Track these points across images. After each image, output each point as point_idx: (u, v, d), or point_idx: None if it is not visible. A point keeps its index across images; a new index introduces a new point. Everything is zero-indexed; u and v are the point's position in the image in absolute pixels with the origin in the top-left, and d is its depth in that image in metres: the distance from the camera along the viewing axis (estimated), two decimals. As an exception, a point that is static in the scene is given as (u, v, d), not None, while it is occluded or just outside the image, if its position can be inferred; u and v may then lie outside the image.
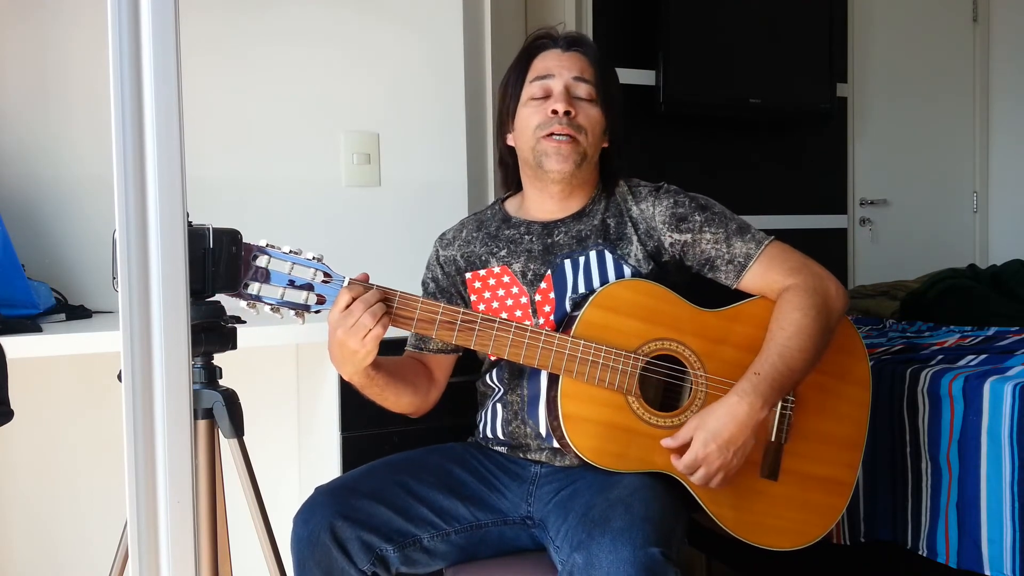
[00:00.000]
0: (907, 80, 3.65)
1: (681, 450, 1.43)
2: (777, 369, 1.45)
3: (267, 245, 1.30)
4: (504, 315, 1.56)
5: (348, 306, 1.32)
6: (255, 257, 1.28)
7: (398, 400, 1.53)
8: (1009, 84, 3.81)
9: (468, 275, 1.62)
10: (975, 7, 3.81)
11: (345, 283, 1.34)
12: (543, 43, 1.59)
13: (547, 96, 1.54)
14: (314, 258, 1.33)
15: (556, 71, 1.55)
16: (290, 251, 1.31)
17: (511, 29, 2.75)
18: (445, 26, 2.30)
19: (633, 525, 1.27)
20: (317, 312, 1.34)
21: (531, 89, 1.56)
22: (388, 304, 1.36)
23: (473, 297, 1.61)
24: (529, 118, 1.55)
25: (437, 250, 1.68)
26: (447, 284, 1.64)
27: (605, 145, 1.60)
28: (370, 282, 1.37)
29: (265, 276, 1.29)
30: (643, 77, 2.90)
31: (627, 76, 2.88)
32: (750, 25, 3.05)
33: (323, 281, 1.33)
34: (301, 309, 1.32)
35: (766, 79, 3.07)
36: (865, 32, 3.52)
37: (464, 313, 1.41)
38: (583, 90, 1.55)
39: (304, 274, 1.32)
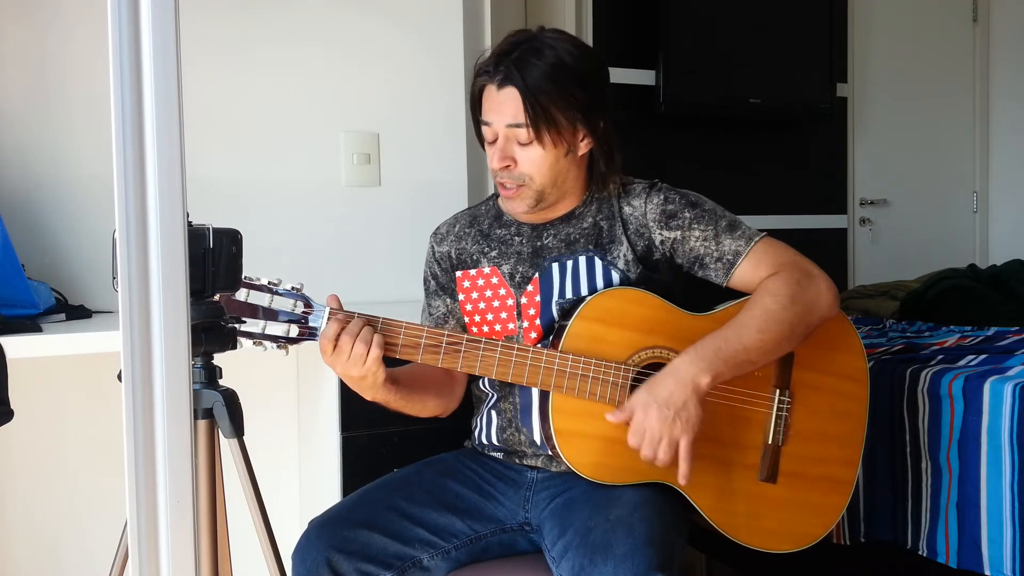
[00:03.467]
0: (907, 80, 3.65)
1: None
2: (727, 339, 1.42)
3: (245, 278, 1.28)
4: (490, 316, 1.56)
5: (336, 345, 1.32)
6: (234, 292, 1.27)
7: (424, 406, 1.53)
8: (1009, 84, 3.81)
9: (459, 273, 1.61)
10: (975, 7, 3.81)
11: (325, 315, 1.34)
12: (481, 81, 1.50)
13: (494, 140, 1.49)
14: (293, 288, 1.32)
15: (493, 118, 1.47)
16: (268, 283, 1.31)
17: (511, 29, 2.75)
18: (445, 26, 2.30)
19: (635, 550, 1.27)
20: (299, 344, 1.34)
21: (483, 131, 1.52)
22: (373, 328, 1.36)
23: (461, 296, 1.60)
24: (488, 159, 1.53)
25: (433, 247, 1.66)
26: (446, 280, 1.63)
27: (587, 149, 1.53)
28: (349, 311, 1.36)
29: (244, 310, 1.28)
30: (643, 77, 2.90)
31: (627, 76, 2.89)
32: (750, 25, 3.05)
33: (304, 312, 1.33)
34: (284, 342, 1.32)
35: (766, 79, 3.07)
36: (865, 32, 3.52)
37: (448, 335, 1.40)
38: (521, 135, 1.46)
39: (284, 305, 1.31)
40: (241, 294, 1.28)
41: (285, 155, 2.14)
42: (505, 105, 1.45)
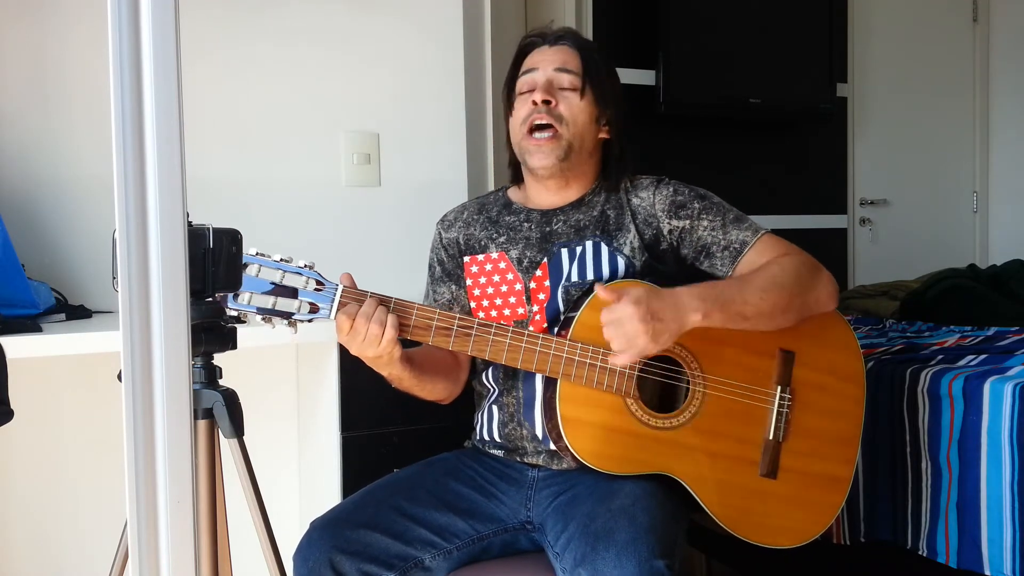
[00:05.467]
0: (907, 80, 3.65)
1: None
2: (731, 289, 1.46)
3: (256, 254, 1.29)
4: (498, 301, 1.58)
5: (352, 326, 1.34)
6: (245, 266, 1.27)
7: (434, 388, 1.56)
8: (1009, 84, 3.81)
9: (466, 259, 1.63)
10: (975, 7, 3.81)
11: (338, 293, 1.34)
12: (532, 41, 1.62)
13: (533, 90, 1.57)
14: (305, 266, 1.33)
15: (540, 65, 1.58)
16: (280, 259, 1.31)
17: (511, 29, 2.75)
18: (445, 26, 2.30)
19: (637, 538, 1.28)
20: (310, 321, 1.34)
21: (519, 84, 1.60)
22: (386, 309, 1.37)
23: (469, 281, 1.62)
24: (517, 111, 1.59)
25: (440, 233, 1.69)
26: (453, 267, 1.66)
27: (605, 136, 1.61)
28: (362, 289, 1.37)
29: (255, 286, 1.28)
30: (643, 77, 2.90)
31: (627, 76, 2.87)
32: (750, 25, 3.05)
33: (315, 289, 1.33)
34: (293, 318, 1.32)
35: (766, 79, 3.07)
36: (865, 32, 3.52)
37: (460, 319, 1.41)
38: (566, 80, 1.56)
39: (295, 282, 1.32)
40: (252, 269, 1.28)
41: (285, 155, 2.14)
42: (557, 54, 1.57)
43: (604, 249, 1.55)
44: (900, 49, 3.63)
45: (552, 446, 1.49)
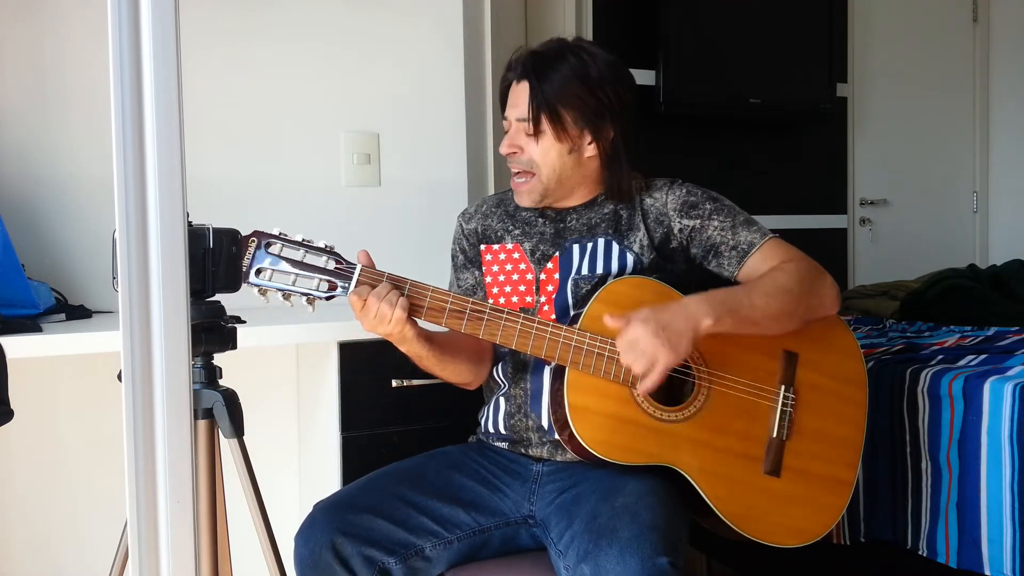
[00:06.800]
0: (907, 80, 3.65)
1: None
2: (737, 295, 1.48)
3: (279, 233, 1.33)
4: (508, 288, 1.62)
5: (364, 305, 1.37)
6: (268, 245, 1.31)
7: (456, 369, 1.57)
8: (1009, 84, 3.81)
9: (482, 247, 1.67)
10: (975, 7, 3.81)
11: (356, 272, 1.38)
12: (507, 76, 1.61)
13: (509, 131, 1.60)
14: (325, 246, 1.37)
15: (509, 112, 1.59)
16: (302, 239, 1.35)
17: (511, 29, 2.75)
18: (445, 26, 2.30)
19: (640, 535, 1.28)
20: (329, 299, 1.37)
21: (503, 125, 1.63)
22: (400, 291, 1.40)
23: (483, 269, 1.66)
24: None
25: (461, 225, 1.73)
26: (474, 255, 1.70)
27: (592, 154, 1.58)
28: (379, 270, 1.40)
29: (276, 263, 1.32)
30: (643, 77, 2.89)
31: (627, 76, 2.89)
32: (750, 25, 3.05)
33: (336, 267, 1.36)
34: (313, 296, 1.35)
35: (766, 79, 3.07)
36: (865, 32, 3.52)
37: (473, 303, 1.43)
38: (523, 128, 1.56)
39: (316, 261, 1.35)
40: (275, 248, 1.32)
41: (285, 155, 2.14)
42: (519, 98, 1.56)
43: (615, 246, 1.58)
44: (900, 49, 3.63)
45: (556, 436, 1.50)
